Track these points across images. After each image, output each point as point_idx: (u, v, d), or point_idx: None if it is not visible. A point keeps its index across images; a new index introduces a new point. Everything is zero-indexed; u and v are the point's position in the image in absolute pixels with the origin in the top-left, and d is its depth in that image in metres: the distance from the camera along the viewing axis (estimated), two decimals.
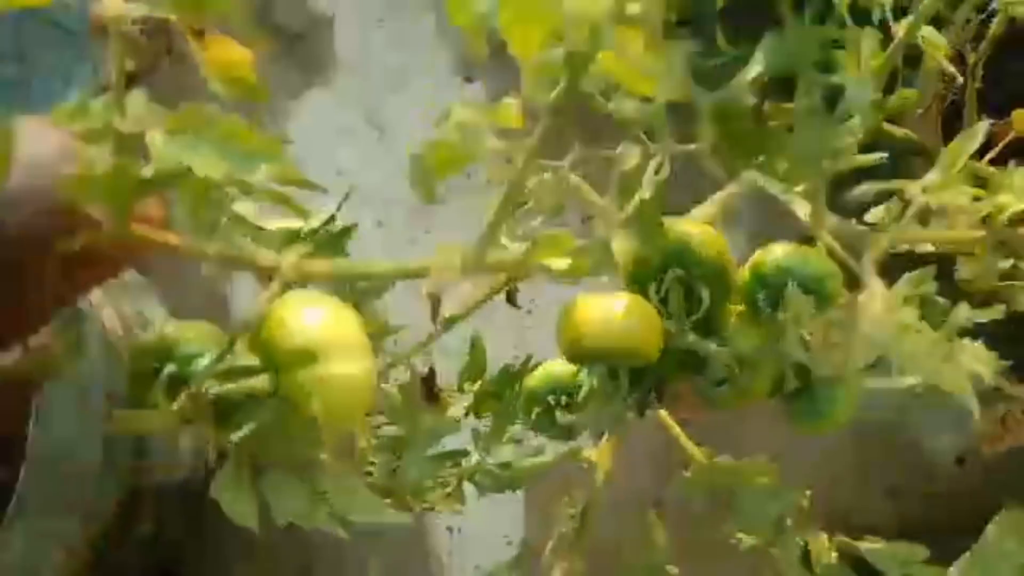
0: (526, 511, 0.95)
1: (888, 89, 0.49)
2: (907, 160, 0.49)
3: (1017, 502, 0.40)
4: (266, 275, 0.26)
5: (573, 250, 0.29)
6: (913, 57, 0.49)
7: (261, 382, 0.22)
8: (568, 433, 0.42)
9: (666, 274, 0.35)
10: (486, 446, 0.51)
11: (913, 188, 0.28)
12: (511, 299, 0.51)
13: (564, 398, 0.40)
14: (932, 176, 0.28)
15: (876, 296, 0.25)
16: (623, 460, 0.52)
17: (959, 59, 0.61)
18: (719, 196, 0.40)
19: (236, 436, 0.22)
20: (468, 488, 0.58)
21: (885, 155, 0.35)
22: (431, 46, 1.14)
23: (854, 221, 0.34)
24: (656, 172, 0.32)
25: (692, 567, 0.48)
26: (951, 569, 0.37)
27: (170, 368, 0.23)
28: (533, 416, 0.41)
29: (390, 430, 0.57)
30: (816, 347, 0.34)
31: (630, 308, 0.33)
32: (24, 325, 0.22)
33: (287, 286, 0.25)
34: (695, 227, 0.37)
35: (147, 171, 0.20)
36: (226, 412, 0.24)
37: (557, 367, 0.42)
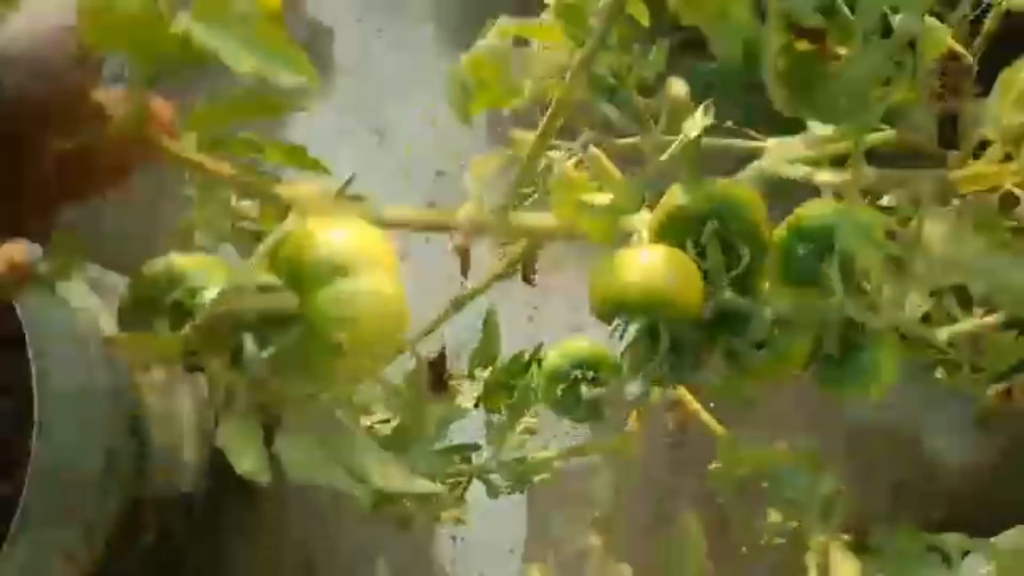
0: (528, 522, 0.92)
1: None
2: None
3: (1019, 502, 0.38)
4: (281, 208, 0.23)
5: (601, 185, 0.27)
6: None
7: (282, 299, 0.19)
8: (593, 412, 0.39)
9: (703, 228, 0.33)
10: (500, 438, 0.48)
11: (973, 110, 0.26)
12: (527, 277, 0.48)
13: (590, 373, 0.37)
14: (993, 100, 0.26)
15: (944, 221, 0.23)
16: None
17: (952, 57, 0.59)
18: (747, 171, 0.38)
19: (252, 358, 0.19)
20: (471, 496, 0.55)
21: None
22: (430, 53, 1.13)
23: None
24: (705, 112, 0.30)
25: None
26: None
27: (175, 295, 0.21)
28: (558, 394, 0.38)
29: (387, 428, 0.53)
30: (868, 299, 0.31)
31: (669, 258, 0.30)
32: (24, 209, 0.19)
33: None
34: (732, 183, 0.35)
35: (177, 24, 0.17)
36: (237, 352, 0.21)
37: (579, 344, 0.39)
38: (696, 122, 0.30)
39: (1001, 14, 0.53)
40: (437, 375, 0.49)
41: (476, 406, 0.51)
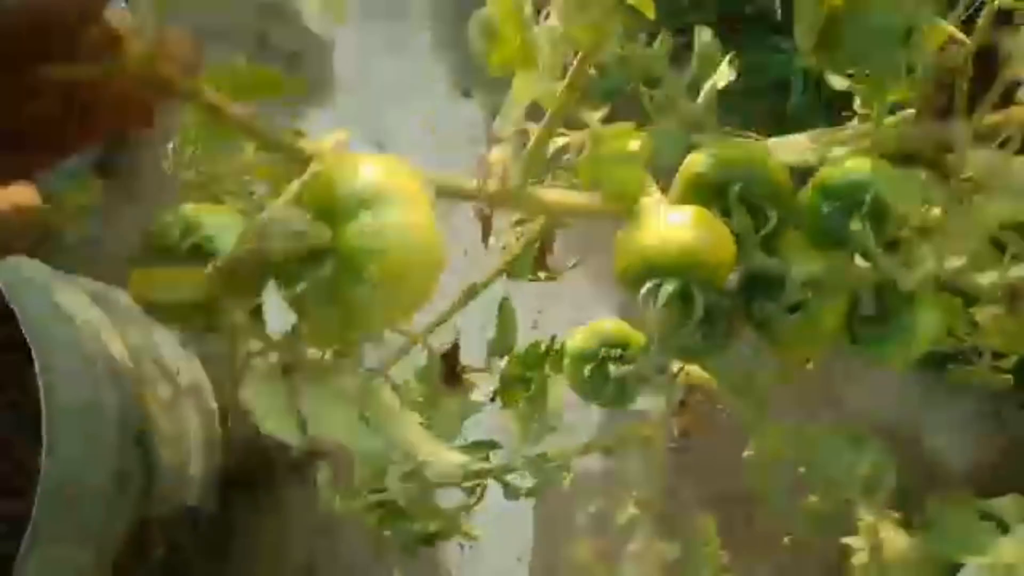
0: (535, 530, 0.90)
1: None
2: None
3: None
4: (303, 163, 0.22)
5: (639, 136, 0.26)
6: None
7: (314, 231, 0.18)
8: (621, 394, 0.37)
9: (726, 194, 0.31)
10: (523, 432, 0.46)
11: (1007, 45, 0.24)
12: (543, 262, 0.46)
13: (617, 351, 0.36)
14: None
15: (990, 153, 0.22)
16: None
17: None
18: None
19: (285, 294, 0.17)
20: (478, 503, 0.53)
21: None
22: (428, 63, 1.12)
23: None
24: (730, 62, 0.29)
25: None
26: None
27: (192, 239, 0.19)
28: (585, 374, 0.36)
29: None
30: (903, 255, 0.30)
31: (699, 217, 0.29)
32: (26, 145, 0.17)
33: None
34: (752, 145, 0.33)
35: None
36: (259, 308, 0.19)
37: (604, 324, 0.38)
38: (724, 72, 0.29)
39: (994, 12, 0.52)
40: (451, 368, 0.47)
41: (492, 400, 0.50)
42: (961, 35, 0.44)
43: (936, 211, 0.32)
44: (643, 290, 0.28)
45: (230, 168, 0.24)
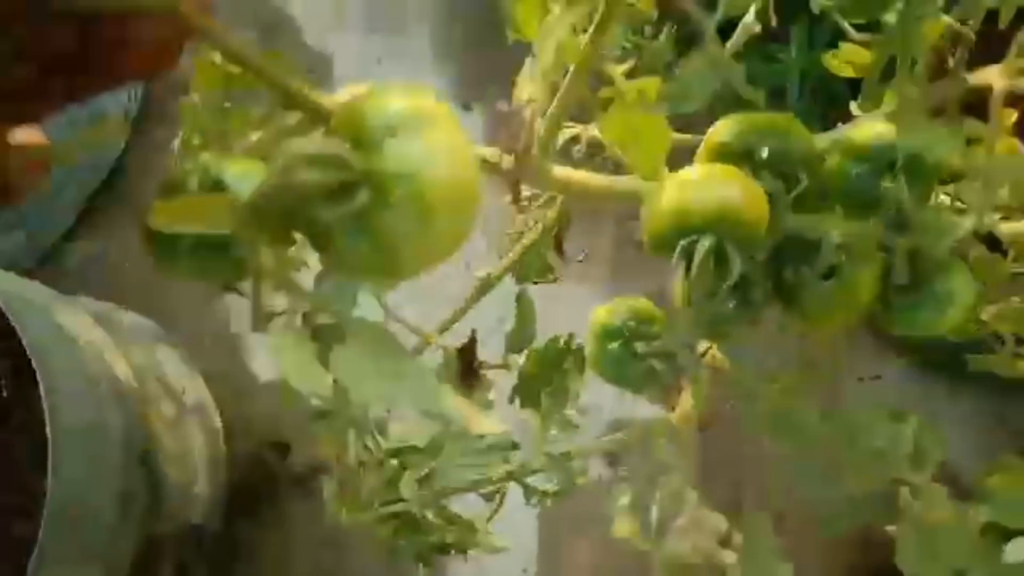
0: (539, 541, 0.88)
1: None
2: None
3: None
4: (320, 120, 0.20)
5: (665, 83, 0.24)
6: None
7: (347, 157, 0.16)
8: (650, 375, 0.36)
9: (756, 155, 0.30)
10: (545, 429, 0.44)
11: None
12: (558, 248, 0.45)
13: (644, 327, 0.34)
14: None
15: None
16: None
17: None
18: None
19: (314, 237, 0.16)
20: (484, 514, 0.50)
21: None
22: (429, 77, 1.12)
23: None
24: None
25: None
26: None
27: (214, 177, 0.18)
28: (611, 352, 0.34)
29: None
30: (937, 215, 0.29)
31: (733, 174, 0.27)
32: (21, 89, 0.16)
33: None
34: (774, 114, 0.32)
35: None
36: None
37: (630, 300, 0.36)
38: (750, 22, 0.28)
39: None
40: (467, 364, 0.45)
41: (511, 400, 0.48)
42: None
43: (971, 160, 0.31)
44: (677, 250, 0.27)
45: (241, 124, 0.23)
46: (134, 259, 0.97)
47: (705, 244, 0.26)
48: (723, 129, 0.33)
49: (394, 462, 0.47)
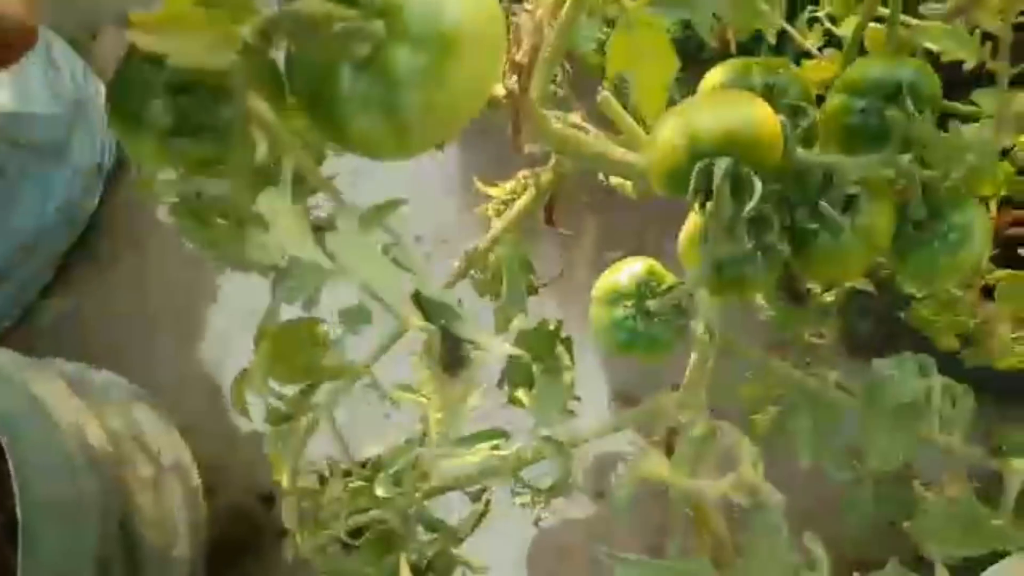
0: (529, 556, 0.83)
1: None
2: None
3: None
4: None
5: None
6: None
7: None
8: (657, 341, 0.33)
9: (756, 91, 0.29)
10: (541, 412, 0.40)
11: None
12: (550, 218, 0.42)
13: (653, 283, 0.32)
14: None
15: None
16: None
17: None
18: None
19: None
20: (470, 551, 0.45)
21: None
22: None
23: None
24: None
25: None
26: None
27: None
28: (619, 315, 0.32)
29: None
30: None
31: (737, 93, 0.26)
32: None
33: None
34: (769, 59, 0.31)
35: None
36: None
37: (633, 264, 0.34)
38: None
39: None
40: (454, 348, 0.41)
41: (500, 384, 0.43)
42: None
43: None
44: (692, 179, 0.25)
45: None
46: (109, 314, 0.93)
47: (722, 166, 0.24)
48: (719, 72, 0.31)
49: (364, 470, 0.42)
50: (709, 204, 0.25)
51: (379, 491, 0.39)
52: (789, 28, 0.38)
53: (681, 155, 0.25)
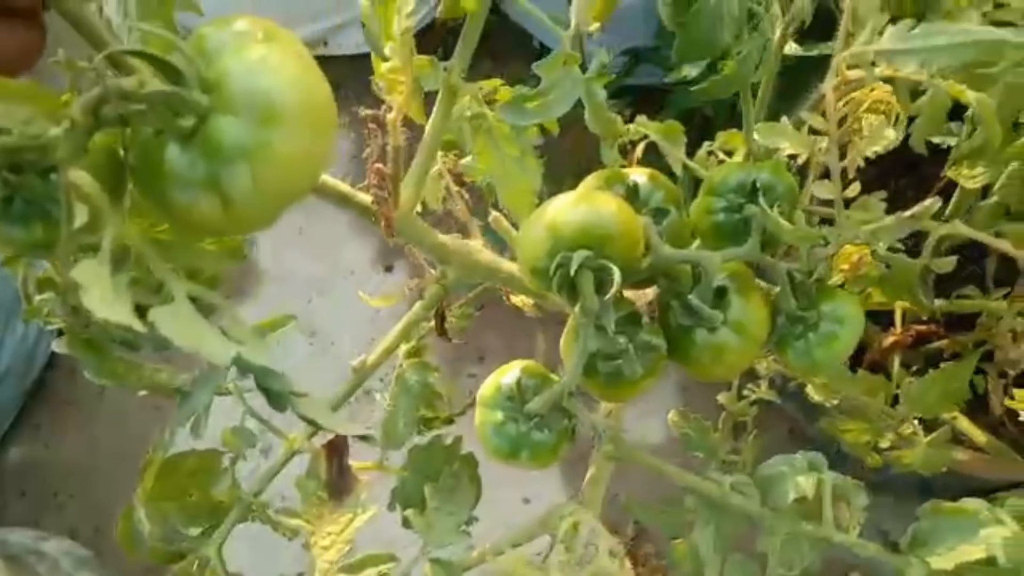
0: None
1: None
2: None
3: None
4: None
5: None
6: None
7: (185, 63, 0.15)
8: (541, 444, 0.33)
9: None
10: (432, 532, 0.39)
11: None
12: (441, 329, 0.43)
13: (536, 381, 0.33)
14: None
15: None
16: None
17: None
18: None
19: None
20: None
21: None
22: (349, 246, 1.12)
23: None
24: None
25: None
26: None
27: None
28: (504, 412, 0.32)
29: None
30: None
31: (596, 193, 0.27)
32: None
33: None
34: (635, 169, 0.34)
35: None
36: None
37: (516, 365, 0.35)
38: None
39: None
40: (338, 463, 0.40)
41: (391, 507, 0.42)
42: None
43: None
44: (553, 273, 0.26)
45: None
46: (70, 454, 0.94)
47: (579, 258, 0.26)
48: (592, 179, 0.33)
49: None
50: (574, 296, 0.27)
51: None
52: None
53: (542, 249, 0.26)
